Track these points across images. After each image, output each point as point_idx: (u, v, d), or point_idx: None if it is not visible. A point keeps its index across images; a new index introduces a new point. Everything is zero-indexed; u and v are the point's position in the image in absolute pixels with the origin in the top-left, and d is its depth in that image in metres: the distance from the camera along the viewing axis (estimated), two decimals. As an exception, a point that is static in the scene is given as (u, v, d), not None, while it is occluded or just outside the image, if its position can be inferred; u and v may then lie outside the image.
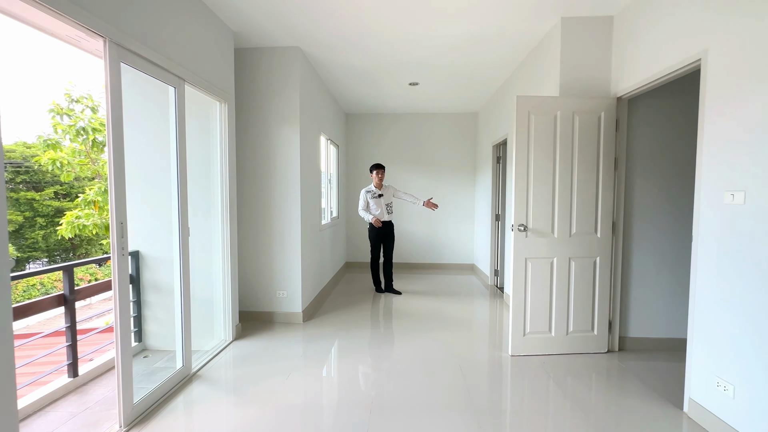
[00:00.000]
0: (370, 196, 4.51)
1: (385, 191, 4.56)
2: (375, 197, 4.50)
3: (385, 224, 4.56)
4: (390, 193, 4.60)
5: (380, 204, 4.51)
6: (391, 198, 4.59)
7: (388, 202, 4.57)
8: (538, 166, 2.78)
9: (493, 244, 5.06)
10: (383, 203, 4.53)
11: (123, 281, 1.91)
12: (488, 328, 3.58)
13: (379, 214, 4.50)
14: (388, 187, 4.63)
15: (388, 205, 4.58)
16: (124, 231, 1.91)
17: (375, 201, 4.50)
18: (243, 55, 3.49)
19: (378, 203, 4.51)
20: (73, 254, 13.09)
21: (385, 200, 4.55)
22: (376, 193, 4.51)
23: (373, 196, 4.50)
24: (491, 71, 4.13)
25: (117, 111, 1.86)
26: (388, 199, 4.57)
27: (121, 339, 1.91)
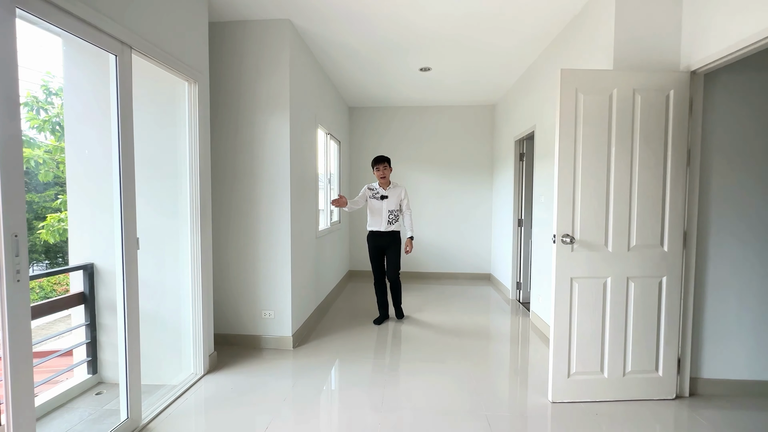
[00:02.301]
0: (371, 195, 3.54)
1: (391, 193, 3.50)
2: (376, 197, 3.51)
3: (382, 235, 3.52)
4: (398, 197, 3.52)
5: (381, 209, 3.49)
6: (398, 204, 3.53)
7: (394, 209, 3.51)
8: (589, 159, 2.17)
9: (515, 253, 4.43)
10: (385, 208, 3.48)
11: (19, 320, 1.35)
12: (517, 359, 2.95)
13: (376, 221, 3.52)
14: (399, 189, 3.53)
15: (393, 212, 3.51)
16: (20, 247, 1.34)
17: (375, 203, 3.51)
18: (221, 29, 2.93)
19: (378, 207, 3.50)
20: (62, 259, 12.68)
21: (390, 205, 3.49)
22: (378, 192, 3.52)
23: (374, 195, 3.52)
24: (515, 51, 3.51)
25: (7, 76, 1.29)
26: (394, 205, 3.50)
27: (15, 406, 1.34)
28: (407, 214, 3.56)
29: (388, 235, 3.52)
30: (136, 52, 1.93)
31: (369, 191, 3.55)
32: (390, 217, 3.50)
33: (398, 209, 3.53)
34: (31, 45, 3.48)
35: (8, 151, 1.30)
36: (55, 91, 5.28)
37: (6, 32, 1.30)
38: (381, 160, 3.49)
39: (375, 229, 3.53)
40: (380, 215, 3.50)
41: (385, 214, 3.49)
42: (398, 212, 3.54)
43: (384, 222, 3.49)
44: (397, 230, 3.56)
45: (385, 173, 3.49)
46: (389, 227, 3.50)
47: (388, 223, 3.50)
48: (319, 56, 3.66)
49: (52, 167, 5.62)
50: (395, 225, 3.53)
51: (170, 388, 2.41)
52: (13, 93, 1.32)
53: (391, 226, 3.51)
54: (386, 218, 3.49)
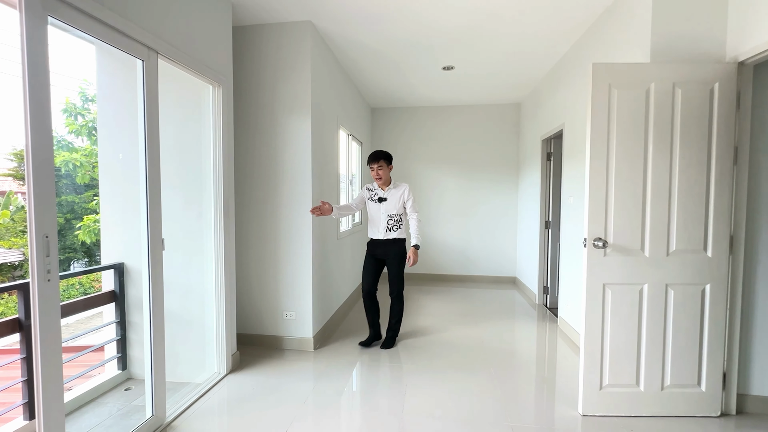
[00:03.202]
0: (368, 197, 3.04)
1: (391, 194, 2.95)
2: (373, 200, 3.01)
3: (380, 244, 2.98)
4: (399, 199, 2.95)
5: (379, 213, 2.96)
6: (400, 208, 2.97)
7: (394, 213, 2.95)
8: (623, 158, 2.04)
9: (542, 256, 4.27)
10: (383, 212, 2.94)
11: (49, 317, 1.39)
12: (544, 367, 2.83)
13: (374, 227, 3.01)
14: (401, 189, 2.97)
15: (393, 217, 2.95)
16: (50, 248, 1.38)
17: (373, 206, 3.01)
18: (244, 33, 2.97)
19: (376, 211, 2.98)
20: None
21: (389, 209, 2.94)
22: (375, 194, 3.02)
23: (372, 197, 3.02)
24: (543, 47, 3.38)
25: (39, 81, 1.34)
26: (395, 208, 2.94)
27: (45, 400, 1.38)
28: (413, 217, 2.98)
29: (387, 244, 2.97)
30: (162, 57, 1.97)
31: (367, 192, 3.06)
32: (390, 223, 2.95)
33: (400, 213, 2.99)
34: (69, 54, 3.62)
35: (39, 154, 1.34)
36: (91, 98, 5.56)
37: (39, 40, 1.34)
38: (376, 157, 2.93)
39: (373, 237, 3.03)
40: (378, 220, 2.98)
41: (384, 218, 2.95)
42: (401, 217, 3.00)
43: (382, 228, 2.96)
44: (400, 238, 2.99)
45: (382, 173, 2.94)
46: (389, 234, 2.96)
47: (388, 229, 2.96)
48: (341, 57, 3.66)
49: (89, 170, 5.92)
50: (397, 232, 2.97)
51: (194, 386, 2.46)
52: (44, 99, 1.36)
53: (392, 233, 2.96)
54: (385, 224, 2.95)
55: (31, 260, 1.34)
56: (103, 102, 2.63)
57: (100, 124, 2.63)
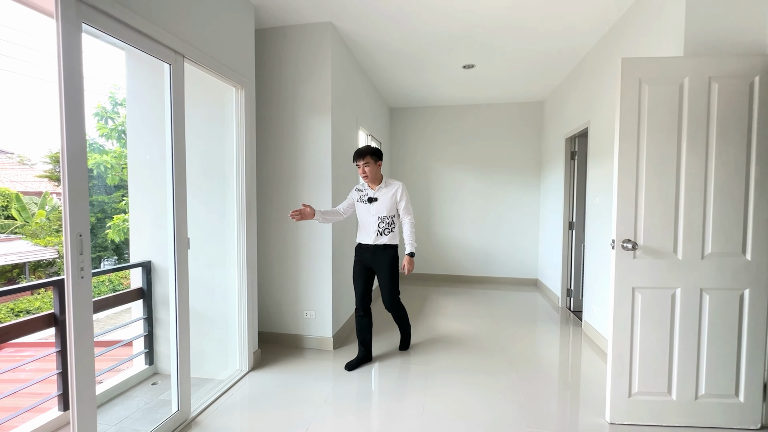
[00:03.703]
0: (358, 198, 2.72)
1: (381, 194, 2.62)
2: (363, 200, 2.68)
3: (369, 250, 2.66)
4: (391, 200, 2.62)
5: (368, 215, 2.64)
6: (393, 209, 2.64)
7: (385, 215, 2.62)
8: (654, 157, 1.96)
9: (566, 258, 4.16)
10: (374, 214, 2.62)
11: (82, 312, 1.44)
12: (568, 372, 2.75)
13: (363, 231, 2.69)
14: (393, 187, 2.65)
15: (384, 219, 2.62)
16: (84, 246, 1.43)
17: (362, 207, 2.68)
18: (265, 35, 3.01)
19: (365, 213, 2.66)
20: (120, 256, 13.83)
21: (380, 210, 2.61)
22: (365, 194, 2.69)
23: (361, 198, 2.69)
24: (567, 42, 3.29)
25: (74, 86, 1.39)
26: (386, 210, 2.61)
27: (78, 392, 1.43)
28: (406, 220, 2.66)
29: (376, 251, 2.63)
30: (188, 60, 2.02)
31: (356, 193, 2.73)
32: (381, 226, 2.62)
33: (393, 215, 2.65)
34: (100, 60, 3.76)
35: (74, 157, 1.39)
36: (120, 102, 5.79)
37: (73, 46, 1.39)
38: (360, 154, 2.58)
39: (361, 242, 2.71)
40: (368, 223, 2.65)
41: (373, 221, 2.62)
42: (393, 219, 2.66)
43: (372, 232, 2.63)
44: (391, 244, 2.65)
45: (369, 170, 2.59)
46: (379, 239, 2.62)
47: (378, 233, 2.62)
48: (360, 57, 3.67)
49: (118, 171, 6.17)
50: (388, 236, 2.63)
51: (217, 382, 2.51)
52: (79, 103, 1.41)
53: (382, 237, 2.62)
54: (375, 227, 2.62)
55: (66, 258, 1.40)
56: (133, 105, 2.72)
57: (130, 127, 2.72)
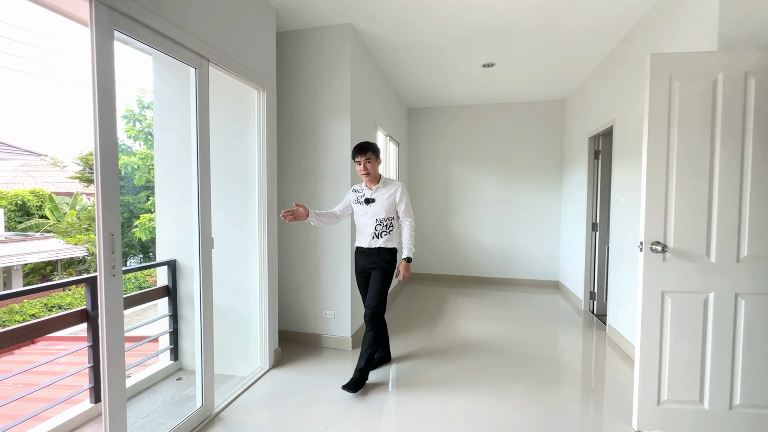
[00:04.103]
0: (355, 199, 2.54)
1: (379, 195, 2.46)
2: (360, 201, 2.51)
3: (366, 254, 2.50)
4: (390, 200, 2.45)
5: (365, 217, 2.48)
6: (391, 210, 2.46)
7: (383, 217, 2.45)
8: (685, 155, 1.88)
9: (588, 260, 4.05)
10: (371, 216, 2.46)
11: (114, 308, 1.49)
12: (591, 378, 2.68)
13: (360, 234, 2.53)
14: (392, 187, 2.47)
15: (382, 221, 2.45)
16: (115, 245, 1.49)
17: (359, 209, 2.51)
18: (286, 38, 3.05)
19: (362, 215, 2.50)
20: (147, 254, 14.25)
21: (377, 212, 2.45)
22: (362, 195, 2.52)
23: (359, 198, 2.52)
24: (591, 38, 3.20)
25: (106, 90, 1.45)
26: (384, 211, 2.44)
27: (110, 384, 1.49)
28: (406, 223, 2.48)
29: (372, 254, 2.47)
30: (212, 64, 2.07)
31: (353, 194, 2.56)
32: (378, 228, 2.46)
33: (391, 217, 2.48)
34: (128, 65, 3.89)
35: (106, 159, 1.44)
36: (147, 105, 5.99)
37: (106, 52, 1.45)
38: (362, 149, 2.41)
39: (358, 245, 2.55)
40: (364, 226, 2.49)
41: (370, 224, 2.46)
42: (392, 222, 2.48)
43: (367, 235, 2.47)
44: (389, 247, 2.47)
45: (370, 167, 2.41)
46: (375, 242, 2.46)
47: (374, 236, 2.46)
48: (379, 58, 3.67)
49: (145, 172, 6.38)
50: (384, 239, 2.46)
51: (239, 379, 2.56)
52: (111, 107, 1.47)
53: (378, 240, 2.46)
54: (372, 229, 2.46)
55: (98, 256, 1.45)
56: (159, 108, 2.80)
57: (156, 129, 2.81)
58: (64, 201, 11.32)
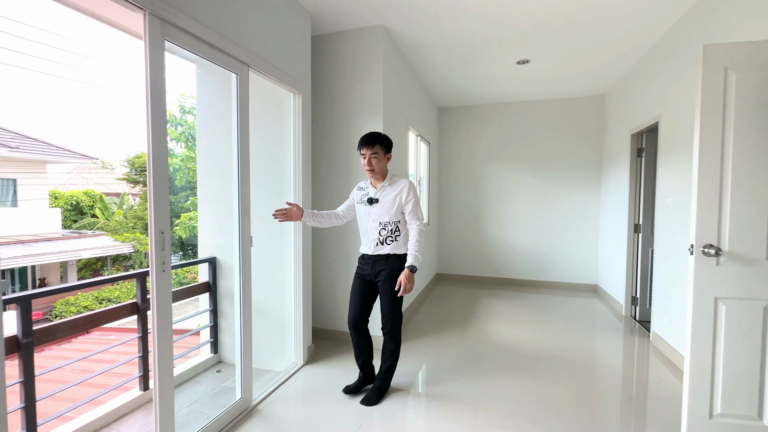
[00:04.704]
0: (359, 197, 2.27)
1: (384, 194, 2.17)
2: (363, 201, 2.23)
3: (369, 262, 2.22)
4: (395, 201, 2.14)
5: (368, 219, 2.20)
6: (397, 212, 2.15)
7: (388, 220, 2.15)
8: (743, 152, 1.75)
9: (630, 263, 3.86)
10: (374, 219, 2.18)
11: (163, 302, 1.59)
12: (633, 386, 2.55)
13: (364, 238, 2.25)
14: (399, 185, 2.17)
15: (387, 225, 2.16)
16: (165, 242, 1.58)
17: (362, 210, 2.24)
18: (319, 41, 3.12)
19: (365, 217, 2.23)
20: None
21: (381, 214, 2.16)
22: (366, 194, 2.24)
23: (362, 198, 2.25)
24: (635, 30, 3.05)
25: (158, 97, 1.54)
26: (387, 213, 2.15)
27: (160, 373, 1.58)
28: (413, 227, 2.15)
29: (378, 262, 2.18)
30: (252, 69, 2.15)
31: (357, 193, 2.29)
32: (382, 233, 2.16)
33: (397, 220, 2.16)
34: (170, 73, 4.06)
35: (158, 163, 1.54)
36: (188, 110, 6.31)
37: (158, 62, 1.54)
38: (369, 140, 2.12)
39: (362, 251, 2.27)
40: (368, 230, 2.20)
41: (373, 227, 2.17)
42: (398, 226, 2.17)
43: (371, 241, 2.19)
44: (397, 254, 2.18)
45: (375, 163, 2.12)
46: (380, 249, 2.17)
47: (379, 242, 2.16)
48: (410, 57, 3.67)
49: (185, 173, 6.72)
50: (391, 245, 2.16)
51: (275, 374, 2.64)
52: (162, 115, 1.56)
53: (384, 247, 2.16)
54: (376, 234, 2.17)
55: (150, 253, 1.55)
56: (201, 113, 2.94)
57: (199, 133, 2.95)
58: (113, 201, 12.12)
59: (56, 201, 10.93)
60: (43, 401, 1.86)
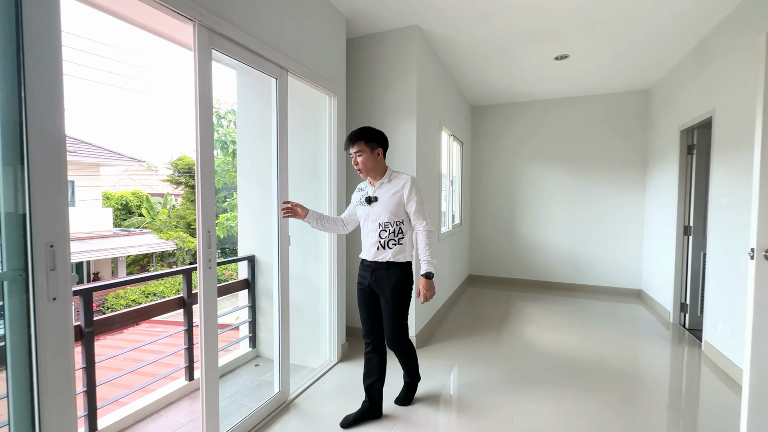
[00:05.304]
0: (359, 198, 2.05)
1: (383, 191, 1.95)
2: (362, 202, 2.01)
3: (369, 269, 1.99)
4: (396, 199, 1.92)
5: (367, 221, 1.99)
6: (399, 212, 1.93)
7: (389, 221, 1.92)
8: (814, 149, 1.61)
9: (679, 267, 3.63)
10: (374, 219, 1.95)
11: (209, 298, 1.67)
12: (681, 399, 2.40)
13: (364, 242, 2.02)
14: (399, 181, 1.95)
15: (387, 227, 1.93)
16: (211, 241, 1.67)
17: (362, 211, 2.02)
18: (354, 44, 3.16)
19: (365, 218, 2.00)
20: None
21: (380, 214, 1.93)
22: (365, 193, 2.02)
23: (361, 199, 2.02)
24: (685, 19, 2.87)
25: (206, 101, 1.62)
26: (387, 213, 1.92)
27: (206, 364, 1.67)
28: (420, 228, 1.94)
29: (378, 270, 1.96)
30: (291, 74, 2.22)
31: (358, 193, 2.08)
32: (382, 236, 1.93)
33: (399, 220, 1.93)
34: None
35: (205, 167, 1.62)
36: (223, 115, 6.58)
37: (206, 70, 1.62)
38: (351, 138, 1.91)
39: (362, 257, 2.05)
40: (368, 232, 1.99)
41: (373, 229, 1.96)
42: (401, 227, 1.94)
43: (371, 244, 1.97)
44: (399, 261, 1.94)
45: (362, 161, 1.91)
46: (380, 254, 1.94)
47: (380, 246, 1.93)
48: (444, 57, 3.64)
49: (222, 176, 7.01)
50: (394, 251, 1.92)
51: (310, 370, 2.71)
52: (210, 120, 1.64)
53: (386, 252, 1.93)
54: (375, 237, 1.94)
55: (198, 251, 1.64)
56: (241, 117, 3.07)
57: (239, 136, 3.07)
58: (158, 201, 12.87)
59: (108, 201, 11.74)
60: (99, 386, 2.01)
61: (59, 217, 1.14)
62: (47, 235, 1.12)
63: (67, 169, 1.17)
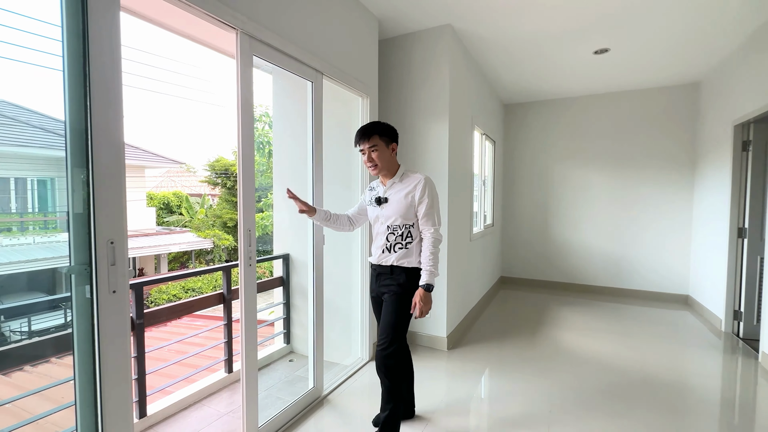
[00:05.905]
0: (369, 198, 1.95)
1: (393, 192, 1.84)
2: (372, 202, 1.91)
3: (375, 273, 1.91)
4: (407, 200, 1.79)
5: (377, 222, 1.89)
6: (409, 214, 1.80)
7: (399, 223, 1.81)
8: None
9: (733, 272, 3.39)
10: (382, 222, 1.86)
11: (249, 293, 1.75)
12: (735, 413, 2.24)
13: (373, 244, 1.92)
14: (411, 181, 1.82)
15: (396, 230, 1.82)
16: (252, 239, 1.74)
17: (371, 212, 1.93)
18: (386, 45, 3.18)
19: (374, 219, 1.91)
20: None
21: (390, 215, 1.83)
22: (375, 193, 1.92)
23: (372, 199, 1.92)
24: (737, 7, 2.67)
25: (248, 106, 1.70)
26: (397, 215, 1.81)
27: (246, 357, 1.74)
28: (427, 234, 1.79)
29: (384, 274, 1.86)
30: (326, 77, 2.27)
31: (368, 193, 1.98)
32: (389, 239, 1.83)
33: (410, 223, 1.82)
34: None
35: (246, 170, 1.70)
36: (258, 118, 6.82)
37: (247, 76, 1.70)
38: (365, 132, 1.81)
39: (369, 261, 1.97)
40: (376, 234, 1.90)
41: (381, 231, 1.86)
42: (410, 231, 1.82)
43: (377, 247, 1.88)
44: (404, 266, 1.82)
45: (377, 157, 1.80)
46: (385, 257, 1.84)
47: (386, 249, 1.84)
48: (476, 55, 3.59)
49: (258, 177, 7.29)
50: (399, 254, 1.81)
51: (342, 367, 2.76)
52: (251, 124, 1.71)
53: (390, 255, 1.83)
54: (383, 239, 1.85)
55: (239, 249, 1.71)
56: (277, 119, 3.17)
57: (275, 138, 3.18)
58: (196, 201, 13.50)
59: (151, 201, 12.45)
60: (149, 375, 2.14)
61: (118, 215, 1.23)
62: (108, 232, 1.21)
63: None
